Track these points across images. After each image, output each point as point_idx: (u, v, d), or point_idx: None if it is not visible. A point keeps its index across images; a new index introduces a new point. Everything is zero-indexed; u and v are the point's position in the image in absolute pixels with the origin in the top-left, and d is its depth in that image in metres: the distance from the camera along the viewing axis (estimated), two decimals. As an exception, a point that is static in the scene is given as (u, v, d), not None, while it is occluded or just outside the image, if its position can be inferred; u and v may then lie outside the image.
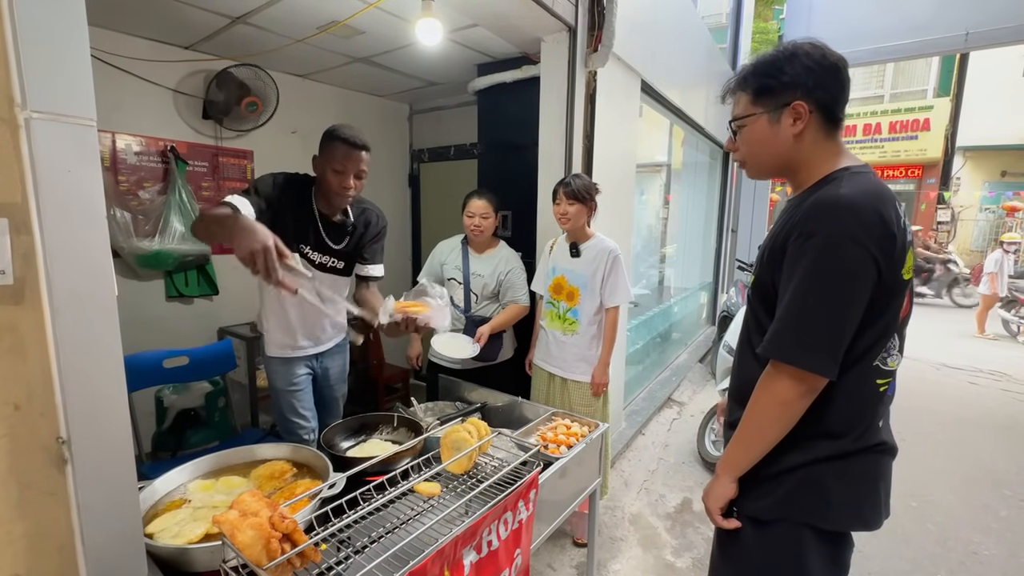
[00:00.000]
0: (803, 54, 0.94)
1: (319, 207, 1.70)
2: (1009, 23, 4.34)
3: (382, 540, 1.07)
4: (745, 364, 1.08)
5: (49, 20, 0.71)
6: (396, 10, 2.22)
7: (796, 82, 0.94)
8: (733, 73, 1.09)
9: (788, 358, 0.91)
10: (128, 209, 2.51)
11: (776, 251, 0.96)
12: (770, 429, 0.96)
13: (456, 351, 2.17)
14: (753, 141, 1.02)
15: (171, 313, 2.79)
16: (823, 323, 0.88)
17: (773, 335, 0.93)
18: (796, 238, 0.91)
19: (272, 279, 1.12)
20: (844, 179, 0.92)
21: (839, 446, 0.95)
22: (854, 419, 0.95)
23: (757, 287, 1.03)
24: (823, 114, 0.96)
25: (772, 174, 1.07)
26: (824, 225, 0.87)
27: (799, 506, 0.97)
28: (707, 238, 6.08)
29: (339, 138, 1.60)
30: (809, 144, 0.97)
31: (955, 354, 5.84)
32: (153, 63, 2.57)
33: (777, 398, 0.93)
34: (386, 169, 3.95)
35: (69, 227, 0.76)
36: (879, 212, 0.87)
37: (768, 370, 0.95)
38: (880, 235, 0.86)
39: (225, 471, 1.31)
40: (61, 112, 0.74)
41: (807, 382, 0.91)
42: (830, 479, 0.96)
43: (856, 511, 0.97)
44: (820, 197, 0.91)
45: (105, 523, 0.83)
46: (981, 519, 2.56)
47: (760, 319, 1.03)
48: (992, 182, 13.63)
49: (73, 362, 0.78)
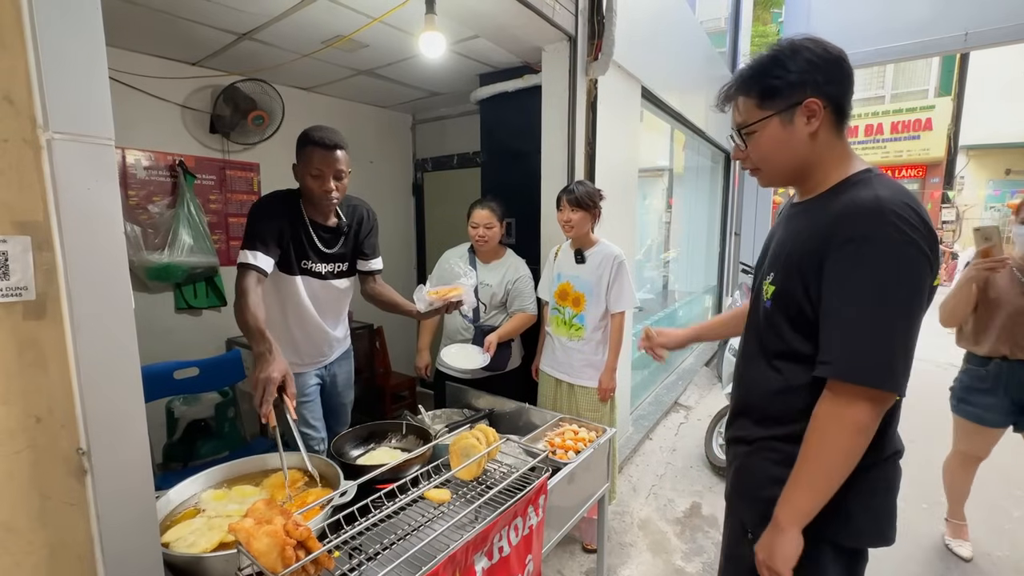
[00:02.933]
0: (805, 49, 0.90)
1: (310, 216, 1.69)
2: (1008, 23, 4.35)
3: (394, 547, 1.09)
4: (759, 381, 1.01)
5: (70, 45, 0.74)
6: (400, 24, 2.26)
7: (804, 79, 0.89)
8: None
9: (869, 380, 0.82)
10: (138, 223, 2.55)
11: (807, 258, 0.89)
12: (844, 462, 0.86)
13: (467, 362, 2.17)
14: (767, 146, 0.96)
15: (180, 325, 2.82)
16: (897, 336, 0.82)
17: (849, 355, 0.83)
18: (843, 244, 0.84)
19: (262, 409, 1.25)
20: (874, 181, 0.88)
21: (866, 459, 0.88)
22: (884, 425, 0.89)
23: (780, 298, 0.95)
24: (835, 111, 0.92)
25: (788, 180, 1.00)
26: (877, 230, 0.81)
27: (820, 522, 0.90)
28: (710, 241, 6.08)
29: (311, 142, 1.57)
30: (823, 144, 0.93)
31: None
32: (161, 79, 2.62)
33: (854, 426, 0.84)
34: (390, 179, 3.98)
35: (89, 243, 0.78)
36: (920, 214, 0.83)
37: (834, 396, 0.86)
38: (927, 236, 0.82)
39: (238, 480, 1.33)
40: (81, 132, 0.76)
41: (882, 403, 0.84)
42: (853, 493, 0.90)
43: (877, 526, 0.94)
44: (857, 200, 0.85)
45: (123, 533, 0.85)
46: (993, 520, 2.54)
47: (782, 332, 0.96)
48: (996, 180, 13.58)
49: (93, 375, 0.80)
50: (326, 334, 1.84)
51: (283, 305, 1.74)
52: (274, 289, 1.70)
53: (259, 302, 1.47)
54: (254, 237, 1.54)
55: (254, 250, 1.52)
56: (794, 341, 0.94)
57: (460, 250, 2.44)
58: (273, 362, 1.28)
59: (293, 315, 1.76)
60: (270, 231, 1.57)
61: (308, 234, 1.68)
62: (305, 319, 1.76)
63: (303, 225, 1.67)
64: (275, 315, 1.72)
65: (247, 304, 1.44)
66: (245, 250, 1.53)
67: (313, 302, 1.77)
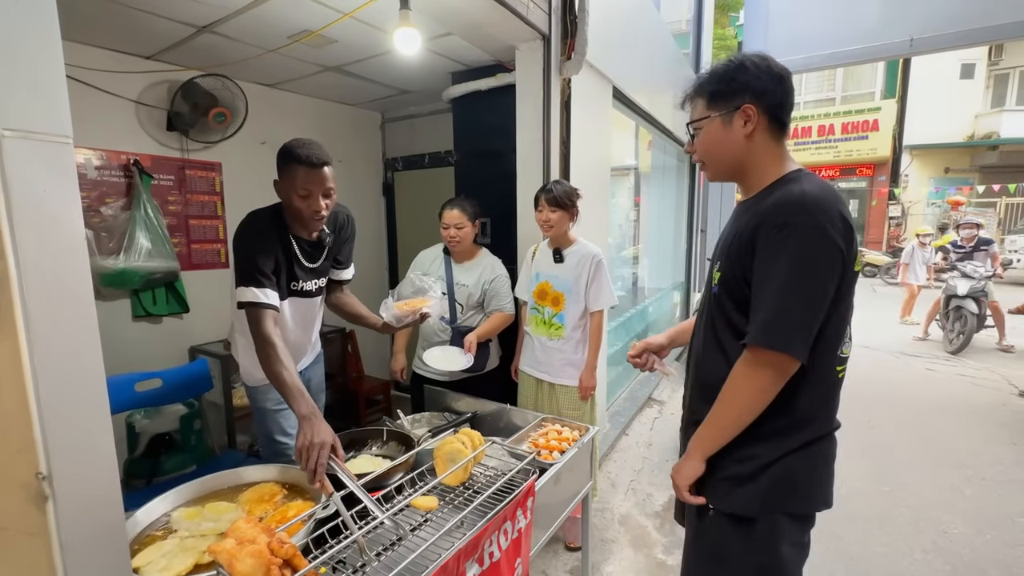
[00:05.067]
0: (751, 64, 1.03)
1: (295, 232, 1.60)
2: (950, 29, 4.63)
3: (382, 558, 1.05)
4: (711, 362, 1.11)
5: (20, 35, 0.68)
6: (371, 20, 2.20)
7: (745, 88, 1.03)
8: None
9: (772, 344, 0.95)
10: (90, 226, 2.39)
11: (744, 245, 1.01)
12: (746, 414, 1.01)
13: (449, 364, 2.14)
14: (709, 142, 1.10)
15: (139, 334, 2.66)
16: (801, 311, 0.94)
17: (759, 325, 0.96)
18: (768, 230, 0.96)
19: (317, 476, 1.11)
20: (803, 179, 1.01)
21: (809, 433, 1.03)
22: (822, 405, 1.05)
23: (725, 283, 1.08)
24: (771, 118, 1.04)
25: (728, 175, 1.14)
26: (796, 218, 0.94)
27: (777, 498, 1.04)
28: (677, 239, 6.22)
29: (295, 160, 1.45)
30: (760, 146, 1.06)
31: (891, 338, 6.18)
32: (113, 74, 2.46)
33: (757, 385, 0.98)
34: (359, 179, 3.89)
35: (45, 250, 0.72)
36: (839, 209, 0.96)
37: (746, 358, 1.00)
38: (843, 229, 0.95)
39: (210, 497, 1.26)
40: (34, 129, 0.70)
41: (784, 368, 0.97)
42: (801, 468, 1.04)
43: (821, 493, 1.08)
44: (786, 193, 0.98)
45: (90, 561, 0.79)
46: (948, 499, 2.69)
47: (729, 314, 1.07)
48: (937, 178, 14.46)
49: (52, 394, 0.73)
50: (305, 344, 1.82)
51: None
52: None
53: (287, 350, 1.38)
54: (257, 272, 1.44)
55: (262, 287, 1.43)
56: (741, 324, 1.04)
57: (435, 251, 2.40)
58: (321, 425, 1.19)
59: None
60: (268, 264, 1.48)
61: (295, 254, 1.60)
62: (287, 333, 1.68)
63: (290, 246, 1.59)
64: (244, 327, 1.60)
65: (278, 356, 1.34)
66: (251, 288, 1.42)
67: (298, 318, 1.72)
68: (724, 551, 1.10)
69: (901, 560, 2.21)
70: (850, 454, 3.18)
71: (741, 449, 1.05)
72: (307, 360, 1.89)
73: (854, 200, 15.26)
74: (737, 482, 1.06)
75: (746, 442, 1.04)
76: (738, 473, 1.06)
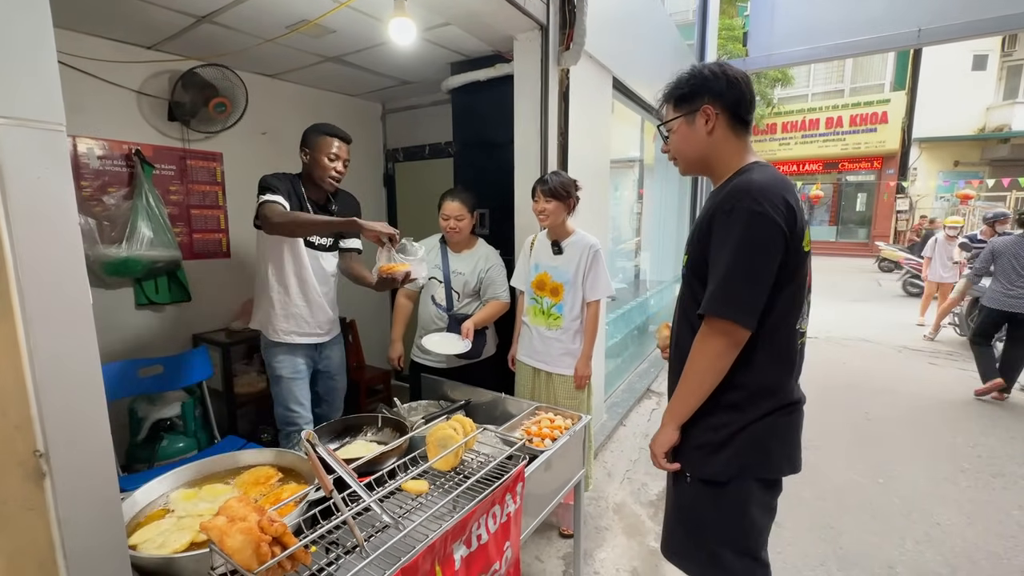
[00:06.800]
0: (708, 71, 1.17)
1: (310, 196, 2.02)
2: (959, 19, 4.55)
3: (372, 539, 1.08)
4: (684, 337, 1.22)
5: (13, 22, 0.69)
6: (368, 9, 2.20)
7: (704, 91, 1.16)
8: None
9: (720, 313, 1.07)
10: (92, 215, 2.42)
11: (704, 230, 1.14)
12: (705, 380, 1.13)
13: (447, 348, 2.20)
14: (678, 140, 1.24)
15: (141, 322, 2.70)
16: (746, 284, 1.06)
17: (709, 296, 1.09)
18: (719, 215, 1.09)
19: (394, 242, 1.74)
20: (755, 170, 1.14)
21: (773, 402, 1.14)
22: (783, 376, 1.16)
23: (691, 265, 1.20)
24: (730, 116, 1.17)
25: (696, 168, 1.26)
26: (741, 203, 1.06)
27: (748, 463, 1.16)
28: (680, 231, 6.20)
29: (329, 132, 1.97)
30: (721, 142, 1.18)
31: (896, 334, 6.11)
32: (114, 64, 2.48)
33: (712, 351, 1.10)
34: (360, 169, 3.90)
35: (40, 236, 0.74)
36: (782, 195, 1.07)
37: (702, 329, 1.12)
38: (785, 212, 1.06)
39: (208, 479, 1.29)
40: (27, 117, 0.72)
41: (734, 335, 1.08)
42: (768, 435, 1.15)
43: (789, 459, 1.19)
44: (736, 183, 1.11)
45: (87, 536, 0.82)
46: (942, 491, 2.70)
47: (696, 293, 1.18)
48: (946, 172, 14.29)
49: (49, 373, 0.76)
50: (324, 310, 2.09)
51: (297, 273, 2.01)
52: (290, 257, 1.98)
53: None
54: (275, 190, 1.84)
55: (277, 194, 1.84)
56: None
57: (431, 241, 2.42)
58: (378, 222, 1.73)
59: (300, 285, 2.02)
60: (284, 192, 1.88)
61: (307, 209, 1.99)
62: (309, 289, 2.03)
63: (304, 203, 1.99)
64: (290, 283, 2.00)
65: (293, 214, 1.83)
66: (268, 194, 1.82)
67: (318, 270, 2.06)
68: (699, 514, 1.23)
69: (892, 550, 2.22)
70: (846, 445, 3.20)
71: (710, 418, 1.17)
72: (328, 335, 2.16)
73: (862, 193, 15.11)
74: (710, 449, 1.17)
75: (714, 411, 1.16)
76: (710, 440, 1.17)
